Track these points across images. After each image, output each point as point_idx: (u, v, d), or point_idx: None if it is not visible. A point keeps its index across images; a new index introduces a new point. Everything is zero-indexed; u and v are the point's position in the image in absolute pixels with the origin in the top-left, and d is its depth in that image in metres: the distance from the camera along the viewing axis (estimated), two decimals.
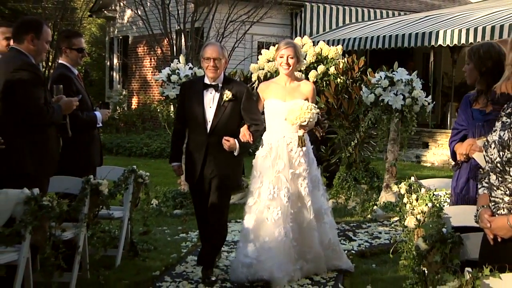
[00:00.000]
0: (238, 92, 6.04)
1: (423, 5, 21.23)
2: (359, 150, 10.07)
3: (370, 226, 8.65)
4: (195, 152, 6.08)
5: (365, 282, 6.13)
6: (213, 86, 6.03)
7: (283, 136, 6.17)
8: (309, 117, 5.88)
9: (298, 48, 6.43)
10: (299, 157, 6.15)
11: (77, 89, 6.06)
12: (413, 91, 9.06)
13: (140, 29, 20.59)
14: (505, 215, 3.25)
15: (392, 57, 10.91)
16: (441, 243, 3.81)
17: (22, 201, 4.76)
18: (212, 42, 6.55)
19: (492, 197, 3.34)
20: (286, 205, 6.01)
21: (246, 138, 5.99)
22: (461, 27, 14.25)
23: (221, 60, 6.00)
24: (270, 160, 6.14)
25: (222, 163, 6.01)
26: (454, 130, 4.86)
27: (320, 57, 10.63)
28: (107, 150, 15.75)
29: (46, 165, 5.28)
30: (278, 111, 6.17)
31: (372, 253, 7.26)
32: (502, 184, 3.28)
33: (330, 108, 10.21)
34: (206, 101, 6.03)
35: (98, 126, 6.31)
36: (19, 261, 4.74)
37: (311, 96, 6.29)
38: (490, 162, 3.34)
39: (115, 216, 6.43)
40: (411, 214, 4.63)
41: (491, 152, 3.33)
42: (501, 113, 3.44)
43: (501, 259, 3.11)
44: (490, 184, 3.36)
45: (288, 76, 6.28)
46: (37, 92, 5.15)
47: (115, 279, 6.02)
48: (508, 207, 3.26)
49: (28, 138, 5.18)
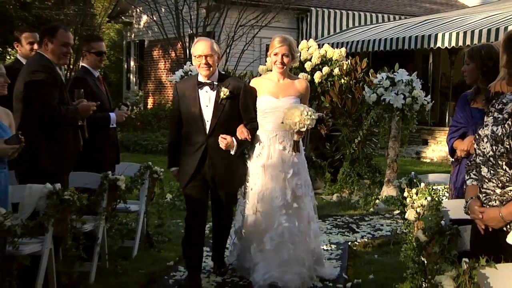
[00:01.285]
0: (235, 88, 5.47)
1: (422, 9, 21.16)
2: (362, 147, 10.06)
3: (372, 219, 8.64)
4: (191, 153, 5.46)
5: (368, 272, 6.13)
6: (208, 84, 5.44)
7: (275, 134, 5.57)
8: (308, 123, 5.35)
9: (293, 44, 5.67)
10: (292, 157, 5.57)
11: (92, 91, 6.04)
12: (413, 91, 9.07)
13: (155, 33, 20.64)
14: (497, 206, 3.24)
15: (393, 58, 10.87)
16: (440, 235, 3.79)
17: (45, 195, 4.79)
18: (203, 38, 5.63)
19: (483, 189, 3.34)
20: (279, 207, 5.45)
21: (244, 135, 5.42)
22: (459, 30, 14.20)
23: (214, 56, 5.39)
24: (263, 160, 5.56)
25: (222, 166, 5.48)
26: (452, 128, 4.84)
27: (325, 59, 10.61)
28: (124, 147, 15.80)
29: (63, 161, 5.33)
30: (270, 108, 5.57)
31: (374, 244, 7.25)
32: (494, 177, 3.28)
33: (334, 107, 10.21)
34: (202, 100, 5.44)
35: (111, 126, 6.28)
36: (42, 251, 4.80)
37: (305, 94, 5.75)
38: (482, 155, 3.33)
39: (131, 209, 6.43)
40: (411, 207, 4.62)
41: (483, 146, 3.33)
42: (491, 109, 3.43)
43: (492, 249, 3.10)
44: (481, 176, 3.35)
45: (281, 74, 5.66)
46: (51, 91, 5.23)
47: (132, 269, 6.04)
48: (500, 199, 3.26)
49: (46, 136, 5.24)
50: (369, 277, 5.94)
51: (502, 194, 3.25)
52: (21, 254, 4.44)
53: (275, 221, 5.44)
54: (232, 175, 5.57)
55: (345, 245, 7.14)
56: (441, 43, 14.52)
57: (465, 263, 2.99)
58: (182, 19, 17.97)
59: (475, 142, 3.42)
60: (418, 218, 4.43)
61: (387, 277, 5.90)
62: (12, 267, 4.35)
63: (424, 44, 15.05)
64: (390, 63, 9.88)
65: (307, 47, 10.73)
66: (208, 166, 5.44)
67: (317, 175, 10.47)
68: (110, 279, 5.78)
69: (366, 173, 9.93)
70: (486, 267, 2.96)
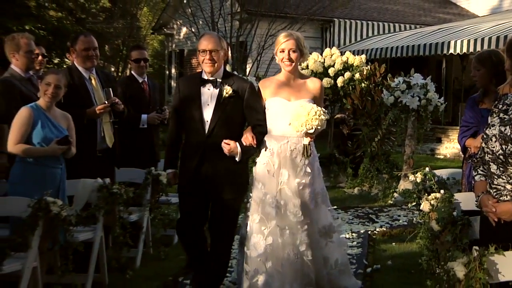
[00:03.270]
0: (239, 88, 4.54)
1: (436, 19, 20.90)
2: (381, 145, 10.01)
3: (390, 210, 8.57)
4: (190, 156, 4.58)
5: (386, 258, 6.11)
6: (211, 81, 4.54)
7: (287, 141, 4.55)
8: (316, 124, 4.34)
9: (301, 39, 4.66)
10: (304, 166, 4.56)
11: (130, 94, 6.19)
12: (427, 93, 8.99)
13: (194, 43, 20.70)
14: (508, 201, 3.20)
15: (409, 64, 10.74)
16: (452, 225, 3.79)
17: (96, 189, 4.86)
18: (209, 32, 4.62)
19: (493, 185, 3.30)
20: (294, 222, 4.51)
21: (248, 141, 4.47)
22: (470, 38, 14.02)
23: (219, 52, 4.53)
24: (273, 169, 4.56)
25: (222, 171, 4.50)
26: (463, 128, 4.79)
27: (346, 65, 10.56)
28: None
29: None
30: (281, 112, 4.57)
31: (392, 233, 7.20)
32: (503, 174, 3.24)
33: (356, 108, 10.16)
34: (204, 98, 4.53)
35: (142, 127, 6.28)
36: (94, 239, 4.87)
37: (319, 95, 4.70)
38: (491, 153, 3.29)
39: (172, 201, 6.45)
40: (426, 199, 4.58)
41: (492, 145, 3.29)
42: (494, 109, 3.39)
43: (501, 239, 3.07)
44: (491, 173, 3.32)
45: (291, 73, 4.67)
46: None
47: (173, 255, 6.09)
48: (511, 194, 3.21)
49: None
50: (387, 263, 5.93)
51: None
52: (75, 241, 4.54)
53: (297, 240, 4.53)
54: (232, 182, 4.57)
55: (365, 234, 7.12)
56: (453, 50, 14.34)
57: (476, 250, 2.97)
58: (218, 30, 17.98)
59: (483, 141, 3.38)
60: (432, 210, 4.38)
61: (403, 263, 5.87)
62: (68, 252, 4.44)
63: (437, 51, 14.88)
64: (406, 68, 9.79)
65: (331, 54, 10.70)
66: (206, 170, 4.51)
67: (340, 170, 10.50)
68: (154, 263, 5.86)
69: (384, 168, 9.87)
70: (495, 254, 2.93)
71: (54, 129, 4.89)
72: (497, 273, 2.92)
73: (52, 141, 4.82)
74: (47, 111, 4.90)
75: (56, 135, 4.86)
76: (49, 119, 4.89)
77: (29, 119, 4.80)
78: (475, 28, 15.23)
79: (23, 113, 4.83)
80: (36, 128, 4.81)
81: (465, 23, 17.18)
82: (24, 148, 4.78)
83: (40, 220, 4.25)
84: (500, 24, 14.59)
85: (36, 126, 4.81)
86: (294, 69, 4.67)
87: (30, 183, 4.73)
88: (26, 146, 4.78)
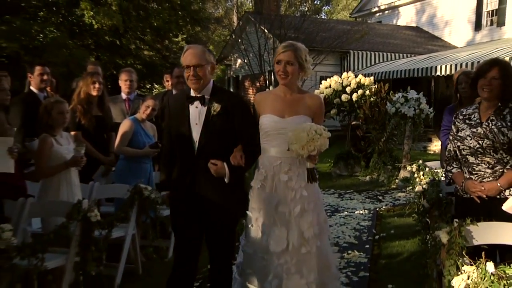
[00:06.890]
0: (230, 104, 3.12)
1: (426, 49, 20.42)
2: (386, 144, 9.89)
3: (393, 192, 8.45)
4: (182, 176, 3.15)
5: (390, 228, 6.05)
6: (199, 98, 3.14)
7: (280, 162, 3.15)
8: (319, 144, 2.94)
9: (302, 51, 3.20)
10: (300, 189, 3.12)
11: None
12: (420, 105, 8.86)
13: (246, 71, 20.82)
14: (491, 181, 3.14)
15: (406, 83, 10.57)
16: (438, 203, 3.73)
17: None
18: (193, 45, 3.16)
19: (474, 172, 3.21)
20: (290, 251, 3.09)
21: (236, 160, 3.04)
22: (452, 63, 13.76)
23: (204, 67, 3.09)
24: (266, 193, 3.17)
25: (214, 194, 3.09)
26: (444, 131, 4.73)
27: (359, 84, 10.47)
28: None
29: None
30: (273, 130, 3.17)
31: (395, 210, 7.10)
32: (482, 162, 3.17)
33: (366, 117, 10.07)
34: (192, 117, 3.15)
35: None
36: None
37: (319, 111, 3.23)
38: (468, 149, 3.22)
39: None
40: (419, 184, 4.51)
41: (468, 142, 3.22)
42: (456, 120, 3.36)
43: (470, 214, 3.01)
44: (469, 164, 3.24)
45: (287, 87, 3.23)
46: None
47: None
48: (493, 175, 3.15)
49: None
50: (390, 232, 5.86)
51: (493, 172, 3.14)
52: (161, 216, 4.36)
53: (270, 273, 3.10)
54: (225, 205, 3.11)
55: (375, 211, 7.05)
56: (440, 72, 14.08)
57: (456, 222, 2.93)
58: (263, 60, 18.06)
59: (458, 141, 3.29)
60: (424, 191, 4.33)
61: (403, 232, 5.80)
62: (156, 223, 4.33)
63: (427, 73, 14.61)
64: (404, 86, 9.67)
65: (347, 76, 10.63)
66: (199, 190, 3.10)
67: (355, 163, 10.41)
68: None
69: (389, 161, 9.74)
70: (470, 225, 2.89)
71: (146, 136, 5.00)
72: (472, 239, 2.87)
73: (146, 146, 4.94)
74: (142, 123, 5.02)
75: (147, 141, 4.98)
76: (143, 129, 5.01)
77: (130, 128, 4.93)
78: (456, 56, 15.00)
79: (126, 124, 4.96)
80: (135, 135, 4.93)
81: (448, 52, 16.86)
82: (126, 150, 4.90)
83: (136, 200, 4.31)
84: (474, 52, 14.41)
85: (135, 134, 4.93)
86: (291, 82, 3.21)
87: (129, 174, 4.84)
88: (128, 148, 4.90)
